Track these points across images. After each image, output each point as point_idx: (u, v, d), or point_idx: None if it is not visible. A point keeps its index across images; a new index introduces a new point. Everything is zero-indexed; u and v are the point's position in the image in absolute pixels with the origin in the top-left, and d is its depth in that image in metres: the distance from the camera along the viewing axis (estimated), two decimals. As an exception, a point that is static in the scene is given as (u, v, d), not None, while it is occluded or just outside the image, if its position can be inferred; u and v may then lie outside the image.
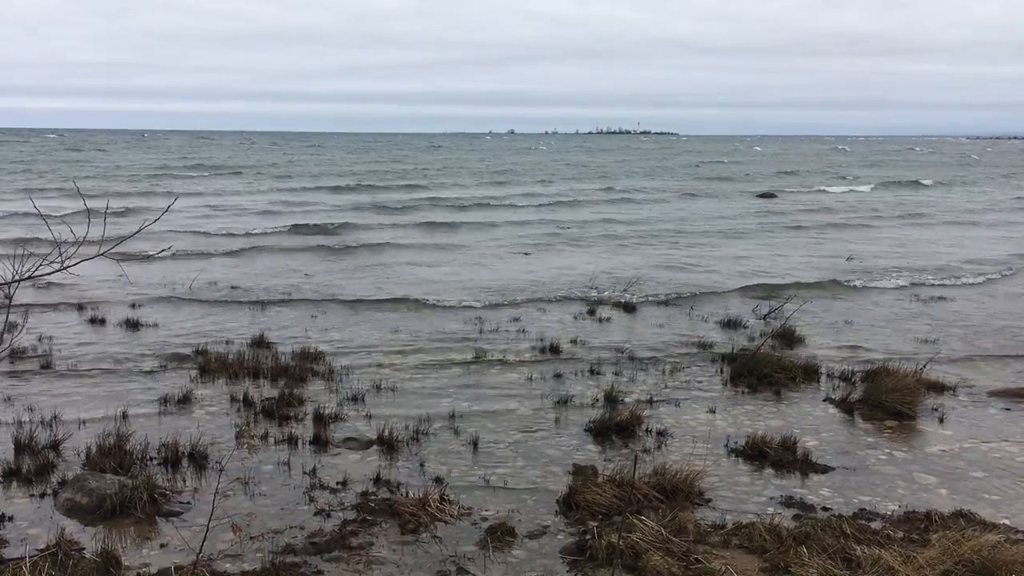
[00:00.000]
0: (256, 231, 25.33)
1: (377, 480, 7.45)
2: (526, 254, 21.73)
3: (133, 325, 13.03)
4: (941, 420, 9.33)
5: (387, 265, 19.66)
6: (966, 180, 58.20)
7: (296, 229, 25.62)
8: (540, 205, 35.72)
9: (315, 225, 26.46)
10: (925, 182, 53.75)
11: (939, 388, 10.32)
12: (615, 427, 8.77)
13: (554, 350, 11.87)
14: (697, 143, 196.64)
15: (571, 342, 12.40)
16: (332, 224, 26.80)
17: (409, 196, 39.48)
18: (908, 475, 7.84)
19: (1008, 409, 9.74)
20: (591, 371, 10.98)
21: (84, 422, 8.81)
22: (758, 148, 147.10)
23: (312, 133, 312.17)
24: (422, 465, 7.86)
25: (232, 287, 16.38)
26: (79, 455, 7.80)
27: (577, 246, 23.45)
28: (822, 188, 48.10)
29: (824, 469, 7.93)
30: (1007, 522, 6.82)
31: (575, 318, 14.20)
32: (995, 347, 12.58)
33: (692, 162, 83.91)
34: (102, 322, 13.32)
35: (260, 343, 11.87)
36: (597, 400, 9.74)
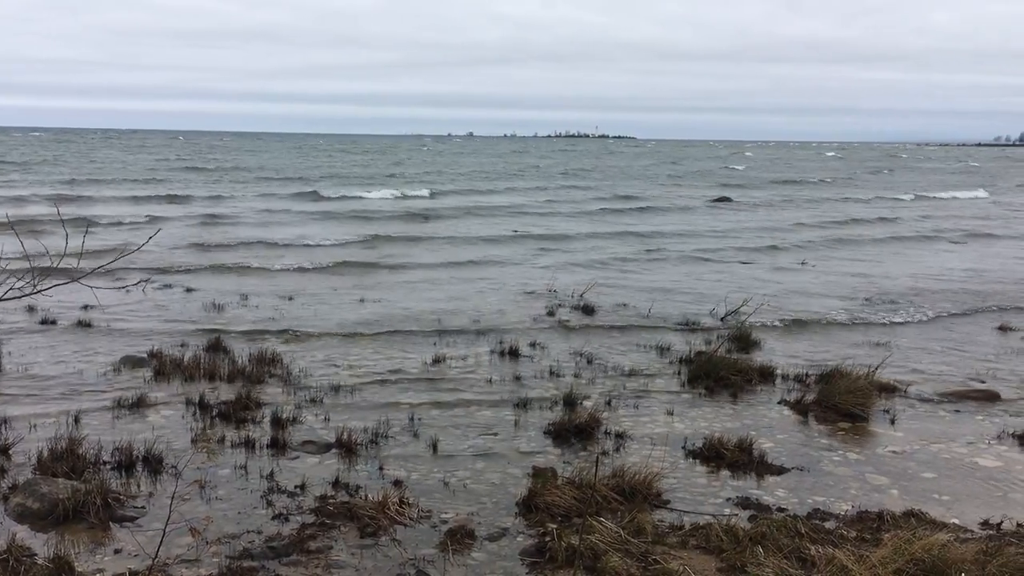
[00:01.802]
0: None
1: (336, 483, 7.41)
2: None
3: (85, 326, 12.80)
4: (893, 421, 9.51)
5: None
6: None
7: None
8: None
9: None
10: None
11: (891, 390, 10.52)
12: (574, 429, 8.81)
13: (513, 353, 11.89)
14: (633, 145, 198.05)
15: (530, 345, 12.43)
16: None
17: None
18: (861, 476, 7.99)
19: (957, 411, 9.96)
20: (551, 372, 11.02)
21: (35, 425, 8.64)
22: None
23: (263, 133, 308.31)
24: (381, 468, 7.84)
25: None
26: (30, 459, 7.65)
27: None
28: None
29: (779, 470, 8.05)
30: (956, 521, 6.98)
31: (534, 320, 14.24)
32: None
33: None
34: (53, 323, 13.08)
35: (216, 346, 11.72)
36: (556, 402, 9.78)
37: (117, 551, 6.18)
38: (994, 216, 36.80)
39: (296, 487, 7.32)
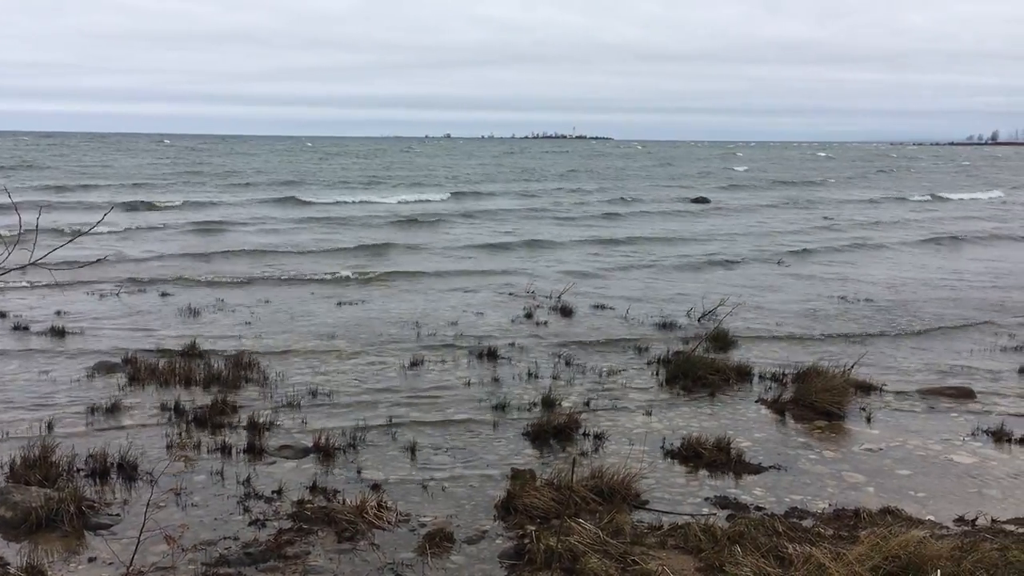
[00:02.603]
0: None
1: (313, 488, 7.37)
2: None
3: (59, 333, 12.65)
4: (869, 419, 9.58)
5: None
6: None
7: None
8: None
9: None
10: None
11: (866, 387, 10.59)
12: (553, 431, 8.81)
13: (491, 355, 11.88)
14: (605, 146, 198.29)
15: (509, 345, 12.42)
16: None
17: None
18: (837, 474, 8.03)
19: (932, 408, 10.04)
20: (529, 374, 11.01)
21: (7, 433, 8.53)
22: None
23: (233, 136, 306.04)
24: (359, 472, 7.80)
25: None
26: (2, 467, 7.55)
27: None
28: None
29: (757, 469, 8.08)
30: (932, 518, 7.04)
31: (512, 321, 14.23)
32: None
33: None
34: (26, 329, 12.93)
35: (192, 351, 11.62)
36: (535, 404, 9.77)
37: (92, 559, 6.10)
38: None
39: (273, 492, 7.27)
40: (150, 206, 33.84)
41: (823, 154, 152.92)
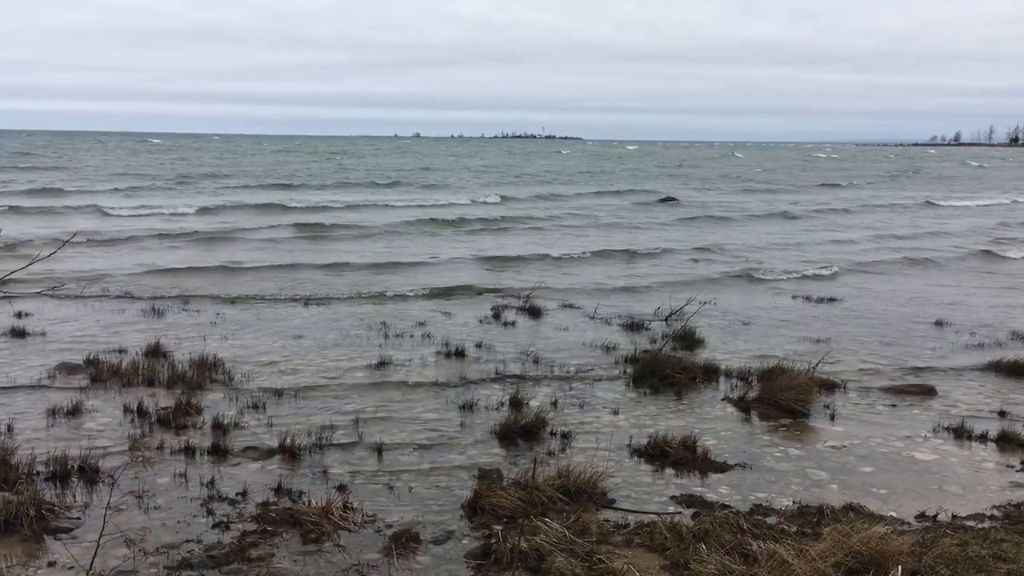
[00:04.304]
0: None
1: (278, 489, 7.31)
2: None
3: (19, 334, 12.45)
4: (832, 417, 9.68)
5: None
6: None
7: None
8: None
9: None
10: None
11: (830, 385, 10.70)
12: (520, 430, 8.81)
13: (459, 354, 11.85)
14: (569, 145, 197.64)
15: (476, 346, 12.40)
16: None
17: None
18: (802, 471, 8.11)
19: (894, 405, 10.17)
20: (496, 374, 11.00)
21: (-35, 436, 8.37)
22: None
23: (206, 135, 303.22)
24: (325, 473, 7.75)
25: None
26: (-41, 471, 7.40)
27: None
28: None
29: (723, 467, 8.13)
30: (894, 514, 7.13)
31: (480, 322, 14.21)
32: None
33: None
34: (-15, 331, 12.69)
35: (156, 351, 11.47)
36: (503, 403, 9.76)
37: (51, 564, 6.01)
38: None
39: (237, 494, 7.20)
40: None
41: (822, 155, 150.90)
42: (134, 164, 67.30)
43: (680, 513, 7.01)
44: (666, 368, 10.91)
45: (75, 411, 9.11)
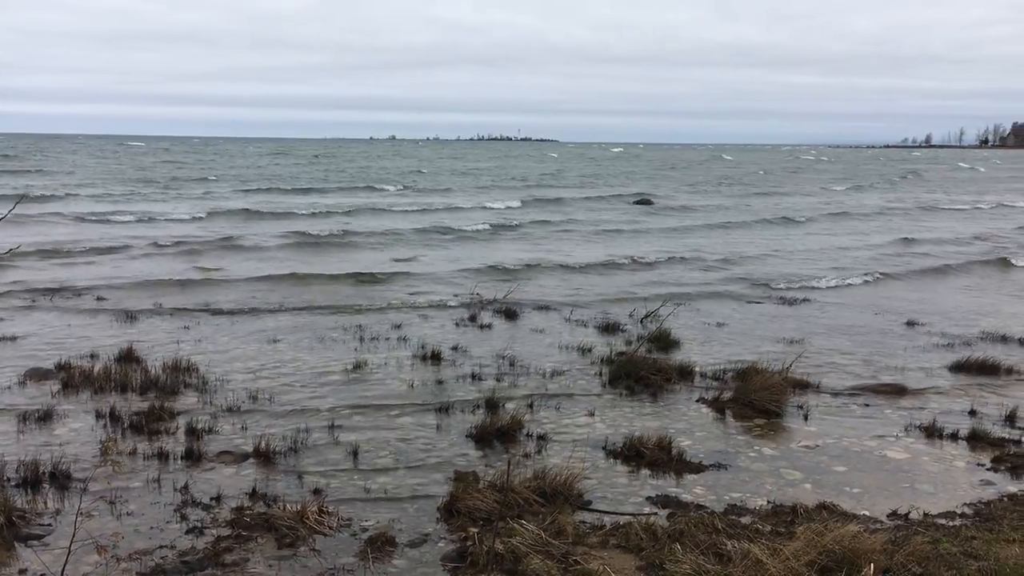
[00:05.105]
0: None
1: (253, 494, 7.26)
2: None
3: (-11, 339, 12.29)
4: (806, 417, 9.75)
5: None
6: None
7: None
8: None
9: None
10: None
11: (804, 385, 10.79)
12: (496, 432, 8.81)
13: (435, 357, 11.83)
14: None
15: (452, 349, 12.38)
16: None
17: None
18: (776, 471, 8.17)
19: (867, 405, 10.27)
20: (472, 376, 11.00)
21: (-67, 443, 8.26)
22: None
23: (183, 138, 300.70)
24: (300, 477, 7.71)
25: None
26: (-73, 479, 7.30)
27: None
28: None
29: (698, 468, 8.18)
30: (866, 513, 7.19)
31: (456, 325, 14.21)
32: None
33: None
34: (-46, 336, 12.52)
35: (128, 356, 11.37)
36: (478, 406, 9.76)
37: (22, 571, 5.93)
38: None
39: (212, 499, 7.15)
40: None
41: (809, 157, 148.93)
42: (115, 168, 66.08)
43: (656, 514, 7.04)
44: (641, 369, 10.96)
45: (46, 417, 9.01)
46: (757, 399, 9.86)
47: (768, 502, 7.38)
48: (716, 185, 59.80)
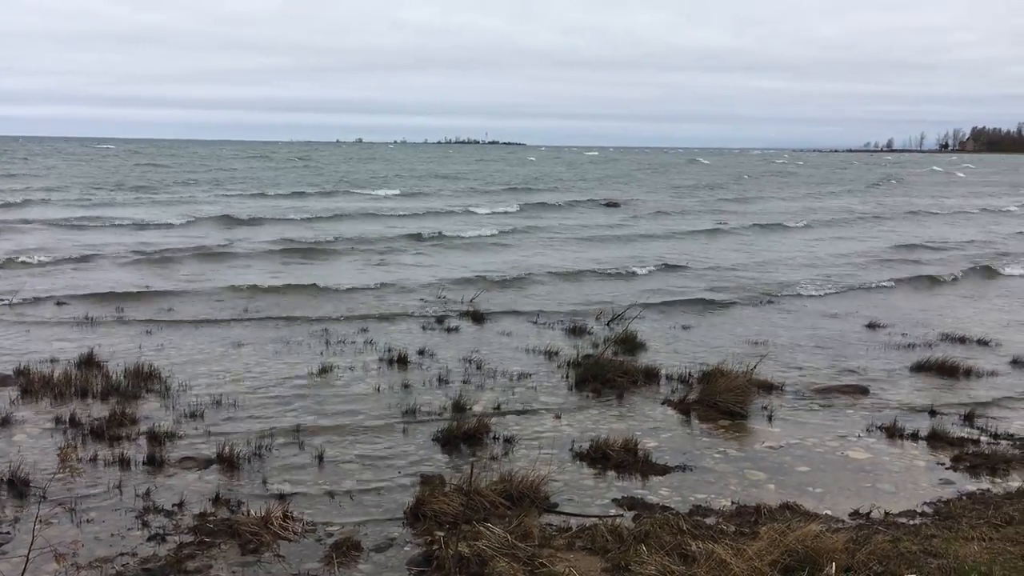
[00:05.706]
0: None
1: (216, 500, 7.19)
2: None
3: (-55, 344, 12.06)
4: (770, 418, 9.85)
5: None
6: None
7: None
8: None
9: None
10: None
11: (768, 387, 10.89)
12: (463, 436, 8.79)
13: (402, 361, 11.79)
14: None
15: (419, 352, 12.34)
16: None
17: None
18: (740, 472, 8.24)
19: (830, 405, 10.39)
20: (439, 380, 10.97)
21: None
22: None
23: (155, 140, 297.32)
24: (265, 482, 7.64)
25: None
26: None
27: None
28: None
29: (663, 469, 8.22)
30: (829, 512, 7.27)
31: (423, 329, 14.17)
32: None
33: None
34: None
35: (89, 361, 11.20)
36: (445, 409, 9.74)
37: (-22, 581, 5.83)
38: None
39: (174, 505, 7.07)
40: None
41: (782, 161, 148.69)
42: (88, 172, 64.66)
43: (621, 515, 7.07)
44: (608, 371, 11.00)
45: (4, 423, 8.86)
46: (722, 401, 9.93)
47: (732, 503, 7.44)
48: (711, 190, 59.59)
